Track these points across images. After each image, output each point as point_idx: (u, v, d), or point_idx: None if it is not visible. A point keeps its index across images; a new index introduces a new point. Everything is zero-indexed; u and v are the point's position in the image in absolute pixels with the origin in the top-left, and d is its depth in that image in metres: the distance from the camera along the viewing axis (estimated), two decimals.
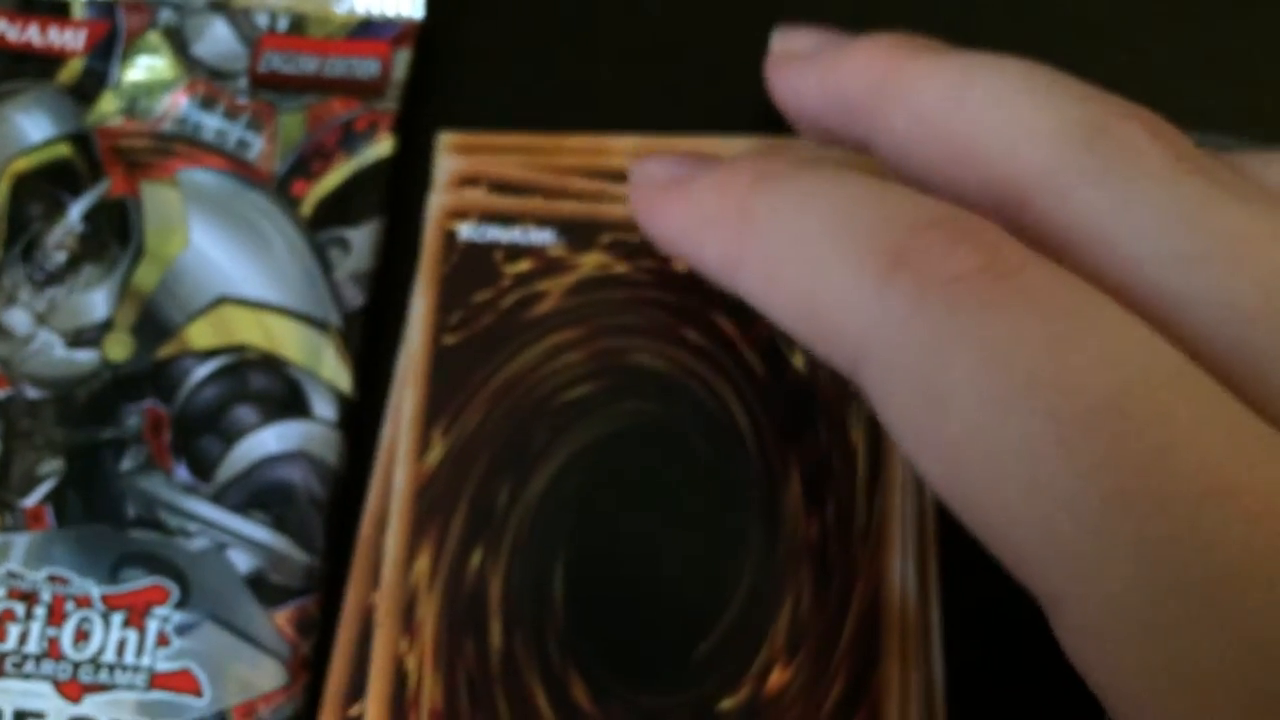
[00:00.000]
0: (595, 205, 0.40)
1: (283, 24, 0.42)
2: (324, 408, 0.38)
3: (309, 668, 0.36)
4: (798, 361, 0.39)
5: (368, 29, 0.42)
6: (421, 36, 0.43)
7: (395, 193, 0.41)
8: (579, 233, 0.40)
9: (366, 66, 0.42)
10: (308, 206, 0.40)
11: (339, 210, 0.40)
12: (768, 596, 0.36)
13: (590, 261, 0.39)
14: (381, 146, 0.41)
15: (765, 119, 0.39)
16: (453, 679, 0.35)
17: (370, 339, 0.40)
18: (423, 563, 0.36)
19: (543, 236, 0.40)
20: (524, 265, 0.39)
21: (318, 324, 0.39)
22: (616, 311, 0.39)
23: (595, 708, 0.35)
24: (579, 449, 0.37)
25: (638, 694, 0.35)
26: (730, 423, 0.37)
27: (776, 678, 0.36)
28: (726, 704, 0.35)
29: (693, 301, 0.38)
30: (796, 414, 0.38)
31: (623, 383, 0.38)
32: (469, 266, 0.39)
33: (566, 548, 0.36)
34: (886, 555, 0.37)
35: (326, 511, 0.37)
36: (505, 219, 0.40)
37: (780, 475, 0.37)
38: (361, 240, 0.40)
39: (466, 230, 0.40)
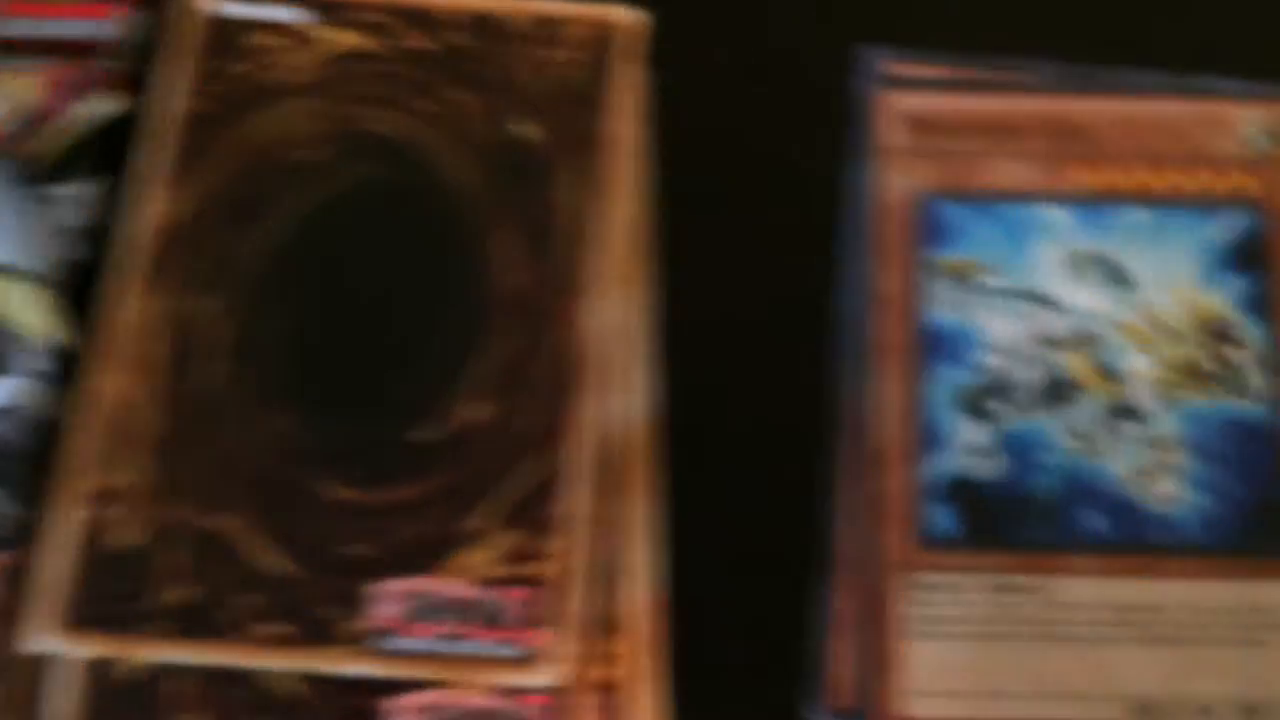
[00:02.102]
0: None
1: None
2: (32, 360, 0.39)
3: (9, 616, 0.37)
4: (521, 130, 0.42)
5: None
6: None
7: None
8: (332, 12, 0.43)
9: (98, 28, 0.43)
10: (34, 164, 0.41)
11: (67, 167, 0.41)
12: (472, 337, 0.40)
13: (338, 39, 0.43)
14: (110, 104, 0.42)
15: None
16: (176, 408, 0.38)
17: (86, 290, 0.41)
18: (157, 302, 0.39)
19: (298, 14, 0.43)
20: (278, 39, 0.43)
21: (30, 277, 0.40)
22: (358, 83, 0.42)
23: (305, 435, 0.38)
24: (314, 205, 0.41)
25: (342, 423, 0.38)
26: (454, 184, 0.41)
27: (472, 411, 0.39)
28: (422, 434, 0.39)
29: (429, 75, 0.42)
30: (516, 177, 0.42)
31: (357, 146, 0.42)
32: (226, 39, 0.43)
33: (296, 290, 0.40)
34: (587, 303, 0.41)
35: (33, 462, 0.38)
36: None
37: (496, 231, 0.41)
38: (83, 196, 0.41)
39: (229, 7, 0.43)
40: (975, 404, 0.42)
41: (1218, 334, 0.42)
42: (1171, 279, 0.42)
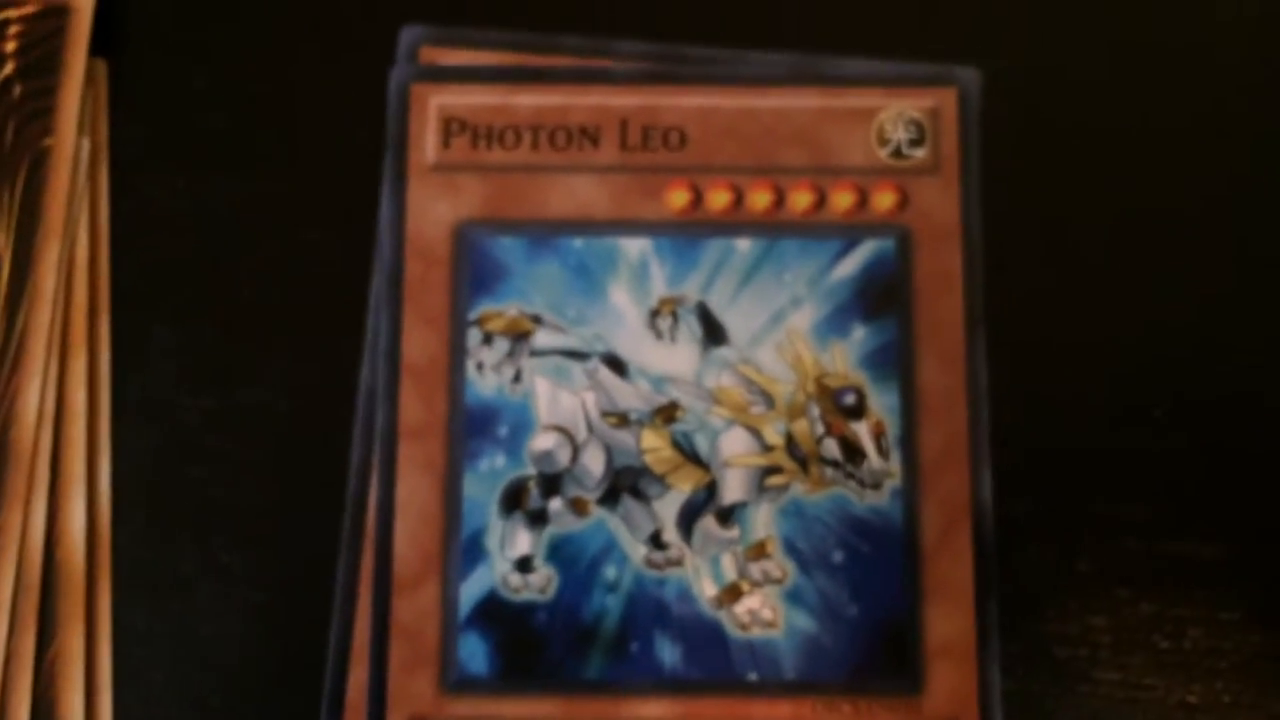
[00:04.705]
0: None
1: None
2: None
3: None
4: None
5: None
6: None
7: None
8: None
9: None
10: None
11: None
12: None
13: None
14: None
15: None
16: None
17: None
18: None
19: None
20: None
21: None
22: None
23: None
24: None
25: None
26: None
27: None
28: None
29: None
30: None
31: None
32: None
33: None
34: (23, 381, 0.32)
35: None
36: None
37: None
38: None
39: None
40: (520, 502, 0.32)
41: (835, 402, 0.33)
42: (779, 331, 0.33)
